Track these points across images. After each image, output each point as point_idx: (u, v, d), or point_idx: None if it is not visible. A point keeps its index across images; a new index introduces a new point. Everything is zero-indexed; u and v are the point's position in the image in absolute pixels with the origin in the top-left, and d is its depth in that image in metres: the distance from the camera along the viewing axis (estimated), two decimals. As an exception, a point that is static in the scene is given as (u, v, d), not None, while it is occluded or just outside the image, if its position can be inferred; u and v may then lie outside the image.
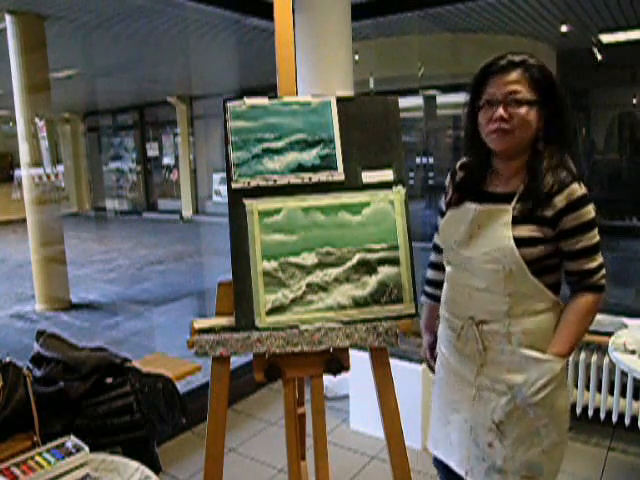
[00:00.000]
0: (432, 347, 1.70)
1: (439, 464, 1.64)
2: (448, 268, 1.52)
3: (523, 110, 1.32)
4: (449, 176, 1.58)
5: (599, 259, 1.37)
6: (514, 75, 1.33)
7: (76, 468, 1.48)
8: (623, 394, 2.72)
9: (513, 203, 1.36)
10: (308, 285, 1.47)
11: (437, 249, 1.65)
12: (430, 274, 1.71)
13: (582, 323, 1.38)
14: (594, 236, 1.35)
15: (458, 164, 1.56)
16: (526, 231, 1.33)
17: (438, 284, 1.62)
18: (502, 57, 1.36)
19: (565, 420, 1.43)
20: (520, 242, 1.33)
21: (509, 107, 1.33)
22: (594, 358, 2.76)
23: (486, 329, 1.40)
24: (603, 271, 1.38)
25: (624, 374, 2.66)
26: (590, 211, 1.33)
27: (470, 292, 1.43)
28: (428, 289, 1.71)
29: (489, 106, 1.35)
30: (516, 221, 1.34)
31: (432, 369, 1.73)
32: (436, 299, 1.64)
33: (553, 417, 1.38)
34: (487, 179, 1.47)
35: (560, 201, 1.32)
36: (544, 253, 1.35)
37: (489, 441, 1.42)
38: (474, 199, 1.45)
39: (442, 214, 1.57)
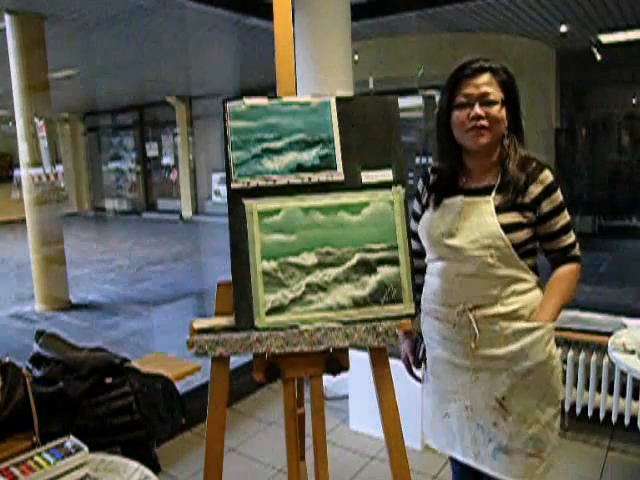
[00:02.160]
0: (413, 352, 1.75)
1: (455, 464, 1.68)
2: (439, 263, 1.56)
3: (495, 109, 1.45)
4: (421, 180, 1.68)
5: (573, 235, 1.52)
6: (485, 78, 1.46)
7: (75, 468, 1.48)
8: (623, 394, 2.72)
9: (493, 194, 1.47)
10: (308, 285, 1.46)
11: (415, 254, 1.67)
12: None
13: (565, 290, 1.50)
14: (566, 215, 1.50)
15: (430, 168, 1.66)
16: (510, 218, 1.45)
17: (417, 288, 1.62)
18: (473, 62, 1.48)
19: (559, 390, 1.50)
20: (506, 228, 1.44)
21: (483, 106, 1.44)
22: (594, 358, 2.76)
23: (479, 314, 1.48)
24: (578, 244, 1.53)
25: (624, 374, 2.66)
26: (560, 194, 1.48)
27: (461, 280, 1.50)
28: None
29: (465, 106, 1.46)
30: (498, 210, 1.46)
31: (413, 375, 1.77)
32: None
33: (550, 387, 1.46)
34: (460, 178, 1.56)
35: (535, 188, 1.45)
36: (528, 236, 1.47)
37: (493, 420, 1.48)
38: (454, 195, 1.54)
39: (417, 218, 1.66)
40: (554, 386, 1.48)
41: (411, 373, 1.78)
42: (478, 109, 1.44)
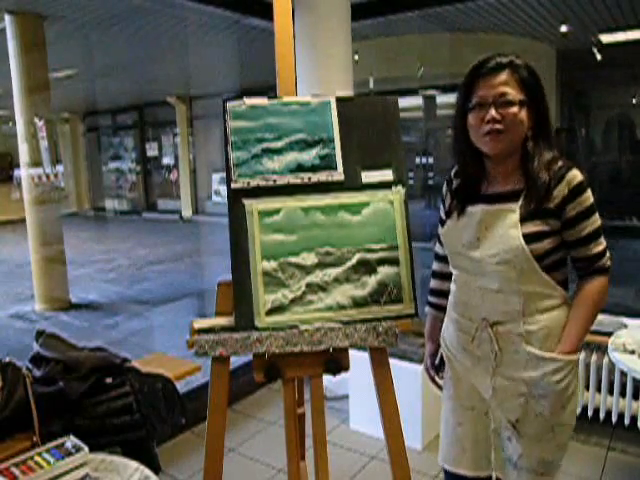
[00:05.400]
0: (433, 355, 1.70)
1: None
2: (457, 272, 1.50)
3: (513, 110, 1.33)
4: (445, 185, 1.57)
5: (604, 242, 1.38)
6: (503, 76, 1.34)
7: (76, 468, 1.48)
8: (623, 394, 2.72)
9: (520, 201, 1.36)
10: (308, 285, 1.47)
11: (439, 258, 1.64)
12: (433, 284, 1.69)
13: (590, 314, 1.39)
14: (596, 220, 1.36)
15: (453, 172, 1.55)
16: (532, 227, 1.34)
17: (442, 293, 1.60)
18: (490, 59, 1.36)
19: (575, 414, 1.45)
20: (528, 238, 1.33)
21: (500, 108, 1.33)
22: (594, 358, 2.76)
23: (501, 330, 1.40)
24: (608, 253, 1.39)
25: (624, 374, 2.66)
26: (589, 196, 1.35)
27: (483, 294, 1.42)
28: (432, 299, 1.69)
29: (480, 108, 1.35)
30: (522, 219, 1.35)
31: (431, 378, 1.72)
32: (439, 308, 1.63)
33: (567, 413, 1.40)
34: (482, 182, 1.46)
35: (560, 191, 1.32)
36: (552, 246, 1.35)
37: (508, 435, 1.44)
38: (476, 202, 1.44)
39: (442, 223, 1.54)
40: (569, 411, 1.41)
41: (428, 373, 1.72)
42: (493, 112, 1.32)
